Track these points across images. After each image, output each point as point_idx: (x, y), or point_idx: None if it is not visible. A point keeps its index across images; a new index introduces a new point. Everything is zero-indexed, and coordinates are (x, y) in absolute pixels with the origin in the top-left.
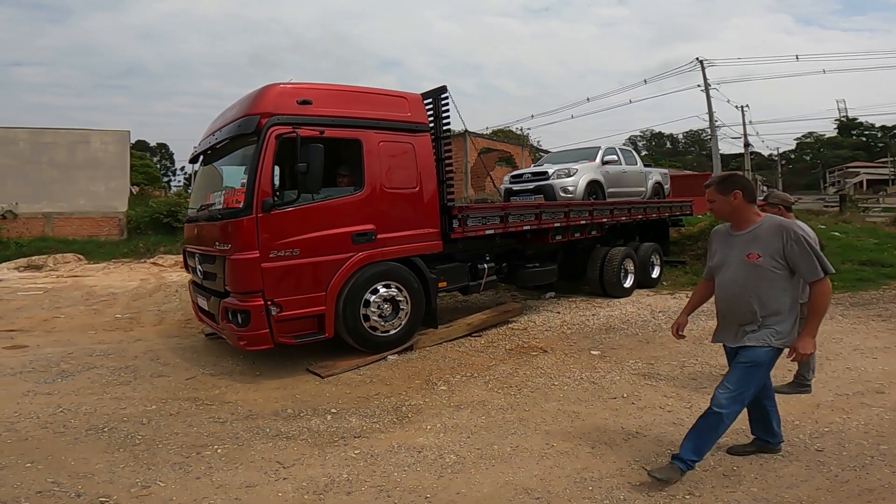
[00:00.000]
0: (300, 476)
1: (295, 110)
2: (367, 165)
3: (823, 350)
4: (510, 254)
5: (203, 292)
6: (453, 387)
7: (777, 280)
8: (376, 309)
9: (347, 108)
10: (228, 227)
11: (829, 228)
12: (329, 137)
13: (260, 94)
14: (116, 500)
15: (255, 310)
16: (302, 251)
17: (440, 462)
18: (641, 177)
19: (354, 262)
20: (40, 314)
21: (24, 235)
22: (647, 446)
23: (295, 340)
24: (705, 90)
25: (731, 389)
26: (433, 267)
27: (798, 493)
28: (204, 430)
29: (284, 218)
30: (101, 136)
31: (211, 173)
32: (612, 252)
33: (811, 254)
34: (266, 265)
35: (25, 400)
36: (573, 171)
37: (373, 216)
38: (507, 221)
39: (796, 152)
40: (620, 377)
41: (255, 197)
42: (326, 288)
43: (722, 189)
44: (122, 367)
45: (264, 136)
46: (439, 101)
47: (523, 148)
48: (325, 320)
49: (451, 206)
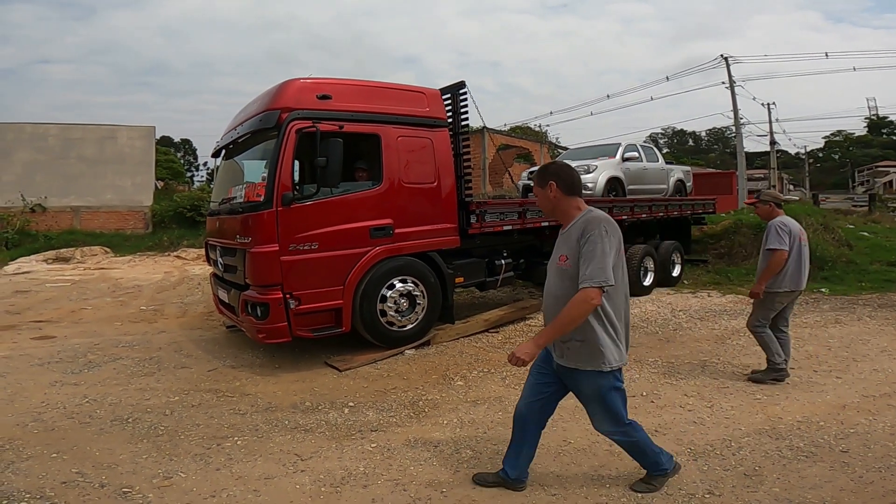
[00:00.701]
0: (317, 469)
1: (315, 105)
2: (386, 160)
3: (850, 351)
4: (528, 250)
5: (224, 285)
6: (470, 382)
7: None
8: (393, 304)
9: (366, 104)
10: (249, 221)
11: (857, 228)
12: (348, 132)
13: (280, 90)
14: (139, 491)
15: (274, 303)
16: (320, 245)
17: (456, 457)
18: (663, 174)
19: (372, 257)
20: (68, 305)
21: (52, 228)
22: (667, 445)
23: (312, 334)
24: (730, 87)
25: (597, 418)
26: (450, 262)
27: (822, 493)
28: (224, 421)
29: (304, 212)
30: (127, 131)
31: (232, 167)
32: (632, 249)
33: (595, 256)
34: (285, 258)
35: (52, 390)
36: (592, 168)
37: (391, 211)
38: (525, 217)
39: (824, 151)
40: (640, 375)
41: (276, 191)
42: (344, 282)
43: (538, 180)
44: (147, 358)
45: (284, 131)
46: (457, 96)
47: (542, 145)
48: (343, 314)
49: (469, 201)
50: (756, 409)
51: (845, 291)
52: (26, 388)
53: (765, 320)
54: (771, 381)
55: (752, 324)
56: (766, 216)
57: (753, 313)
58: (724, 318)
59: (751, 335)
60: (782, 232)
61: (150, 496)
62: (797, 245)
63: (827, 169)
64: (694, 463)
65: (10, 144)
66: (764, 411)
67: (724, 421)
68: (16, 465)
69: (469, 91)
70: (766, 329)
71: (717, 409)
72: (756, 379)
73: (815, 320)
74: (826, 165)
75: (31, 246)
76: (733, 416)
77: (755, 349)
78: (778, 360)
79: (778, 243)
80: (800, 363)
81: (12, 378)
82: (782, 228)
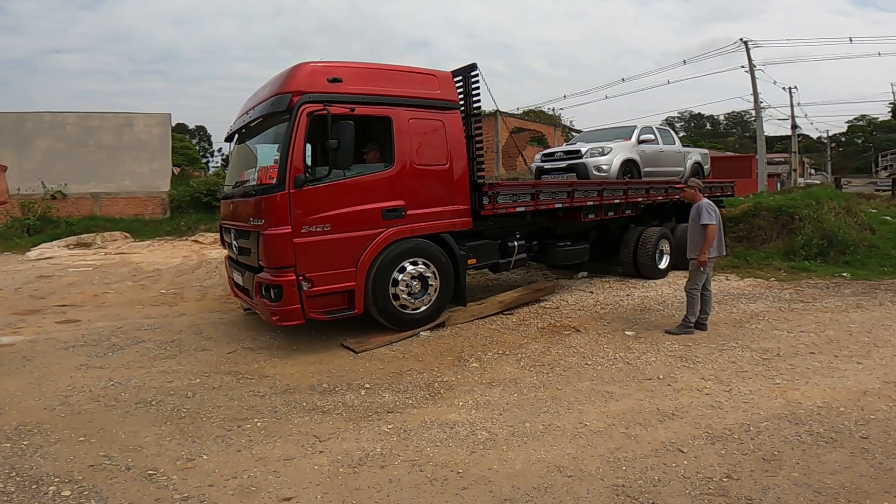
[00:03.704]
0: (335, 449)
1: (326, 88)
2: (397, 142)
3: (871, 336)
4: (541, 232)
5: (238, 268)
6: (485, 364)
7: None
8: (405, 286)
9: (377, 86)
10: (262, 203)
11: (880, 213)
12: (359, 115)
13: (291, 73)
14: (164, 473)
15: (287, 285)
16: (333, 227)
17: (472, 438)
18: (680, 157)
19: (384, 238)
20: (90, 290)
21: (73, 215)
22: (684, 428)
23: (325, 316)
24: (750, 72)
25: None
26: (463, 244)
27: (841, 479)
28: (244, 403)
29: (316, 194)
30: (144, 119)
31: (245, 151)
32: (648, 232)
33: None
34: (298, 240)
35: (78, 374)
36: (607, 150)
37: (403, 193)
38: (539, 199)
39: (847, 135)
40: (656, 358)
41: (288, 173)
42: (356, 264)
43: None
44: (168, 341)
45: (296, 114)
46: (469, 78)
47: (556, 128)
48: (355, 296)
49: (482, 183)
50: (775, 393)
51: (867, 276)
52: (53, 371)
53: (699, 283)
54: (683, 334)
55: (689, 287)
56: (692, 199)
57: (690, 279)
58: (742, 302)
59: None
60: (710, 210)
61: (175, 478)
62: (718, 221)
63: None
64: (712, 447)
65: (29, 133)
66: (783, 396)
67: (742, 405)
68: (44, 450)
69: (481, 73)
70: (699, 291)
71: (736, 393)
72: (670, 332)
73: (837, 305)
74: (849, 150)
75: (53, 232)
76: (752, 400)
77: (774, 332)
78: (691, 319)
79: (709, 219)
80: (820, 348)
81: (39, 362)
82: (710, 208)
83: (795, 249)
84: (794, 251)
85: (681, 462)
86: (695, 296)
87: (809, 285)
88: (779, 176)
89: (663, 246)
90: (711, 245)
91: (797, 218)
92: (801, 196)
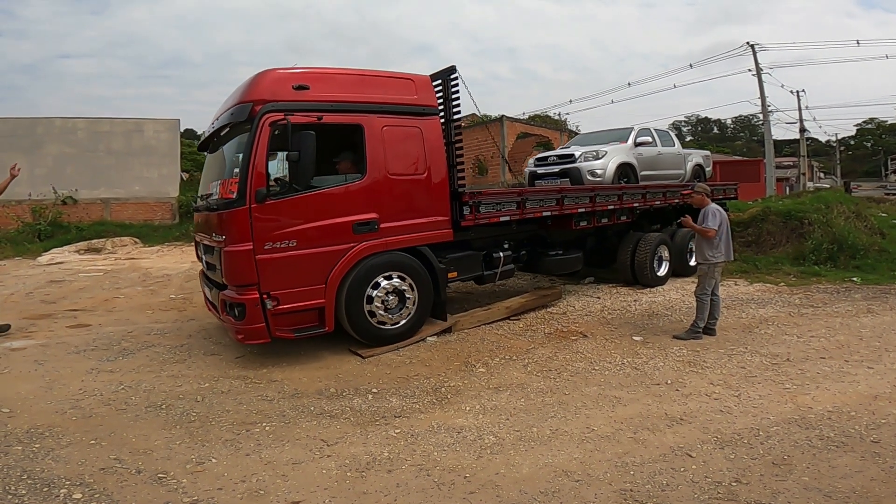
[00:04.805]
0: (343, 454)
1: (291, 96)
2: (370, 151)
3: (882, 341)
4: (532, 240)
5: (208, 283)
6: (492, 369)
7: None
8: (380, 301)
9: (348, 93)
10: (222, 218)
11: (890, 217)
12: (328, 123)
13: (254, 81)
14: (174, 476)
15: (250, 303)
16: (299, 242)
17: (479, 443)
18: (679, 159)
19: (356, 253)
20: (101, 294)
21: (83, 220)
22: (693, 433)
23: (293, 334)
24: (757, 75)
25: None
26: (444, 256)
27: (852, 483)
28: (253, 407)
29: (280, 208)
30: (153, 124)
31: (214, 162)
32: (646, 238)
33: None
34: (261, 257)
35: (89, 377)
36: (602, 154)
37: (376, 204)
38: (525, 207)
39: (856, 138)
40: (664, 363)
41: (249, 187)
42: (326, 280)
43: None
44: (178, 345)
45: (257, 124)
46: (449, 82)
47: (562, 133)
48: (326, 313)
49: (462, 192)
50: (785, 398)
51: (878, 280)
52: (64, 375)
53: (709, 288)
54: (691, 339)
55: (699, 292)
56: (699, 204)
57: (699, 284)
58: (751, 307)
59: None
60: (716, 213)
61: (185, 481)
62: (726, 226)
63: (859, 157)
64: (721, 451)
65: (40, 138)
66: (793, 400)
67: (751, 410)
68: (56, 453)
69: (461, 76)
70: (709, 296)
71: (745, 398)
72: (679, 337)
73: (847, 309)
74: (858, 153)
75: (64, 237)
76: (761, 404)
77: (784, 337)
78: (700, 324)
79: (713, 223)
80: (831, 353)
81: (50, 366)
82: (715, 211)
83: (805, 254)
84: (803, 256)
85: (689, 467)
86: (704, 301)
87: (819, 290)
88: (787, 180)
89: (662, 252)
90: (714, 250)
91: (806, 222)
92: (810, 200)
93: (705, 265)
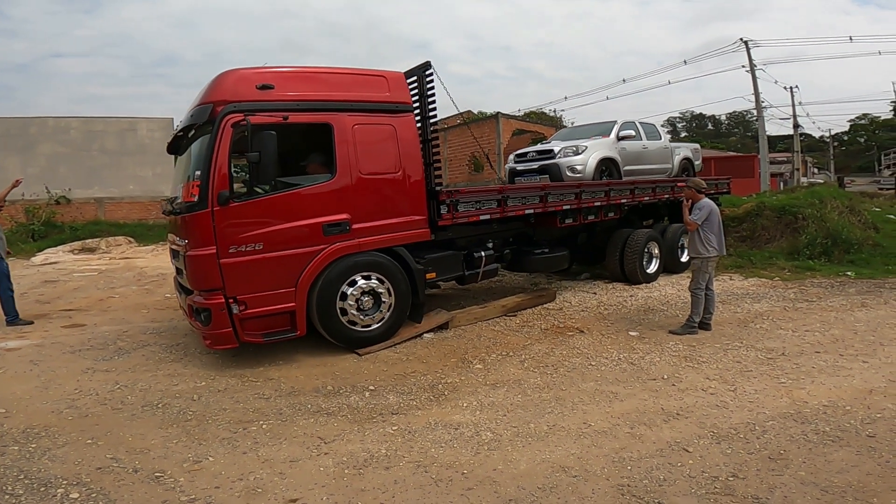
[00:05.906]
0: (340, 451)
1: (254, 96)
2: (339, 151)
3: (877, 335)
4: (517, 238)
5: (179, 287)
6: (489, 365)
7: None
8: (354, 303)
9: (316, 91)
10: (185, 222)
11: (884, 211)
12: (295, 123)
13: (217, 82)
14: (171, 475)
15: (215, 308)
16: (266, 245)
17: (477, 439)
18: (666, 153)
19: (327, 255)
20: (96, 294)
21: (77, 220)
22: (689, 428)
23: (263, 339)
24: (751, 72)
25: None
26: (422, 256)
27: (848, 477)
28: (250, 406)
29: (244, 210)
30: (147, 123)
31: (181, 164)
32: (635, 234)
33: None
34: (225, 261)
35: (85, 377)
36: (581, 149)
37: (347, 205)
38: (506, 205)
39: (849, 134)
40: (660, 358)
41: (210, 190)
42: (296, 283)
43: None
44: (174, 344)
45: (219, 126)
46: (424, 78)
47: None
48: (297, 317)
49: (439, 190)
50: (781, 392)
51: (872, 275)
52: (60, 375)
53: (703, 282)
54: (687, 334)
55: (693, 287)
56: (691, 199)
57: (693, 278)
58: (746, 302)
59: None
60: (702, 208)
61: (182, 480)
62: (718, 220)
63: (852, 152)
64: (717, 446)
65: (33, 138)
66: (789, 395)
67: (747, 404)
68: (52, 452)
69: (435, 72)
70: (703, 291)
71: (741, 393)
72: (675, 332)
73: (842, 304)
74: (851, 149)
75: (58, 237)
76: (757, 399)
77: (779, 332)
78: (696, 319)
79: (696, 216)
80: (826, 347)
81: (46, 366)
82: (702, 206)
83: (799, 249)
84: (797, 250)
85: (686, 461)
86: (699, 295)
87: (814, 284)
88: (782, 175)
89: (652, 249)
90: (706, 244)
91: (801, 217)
92: (804, 195)
93: (698, 259)
